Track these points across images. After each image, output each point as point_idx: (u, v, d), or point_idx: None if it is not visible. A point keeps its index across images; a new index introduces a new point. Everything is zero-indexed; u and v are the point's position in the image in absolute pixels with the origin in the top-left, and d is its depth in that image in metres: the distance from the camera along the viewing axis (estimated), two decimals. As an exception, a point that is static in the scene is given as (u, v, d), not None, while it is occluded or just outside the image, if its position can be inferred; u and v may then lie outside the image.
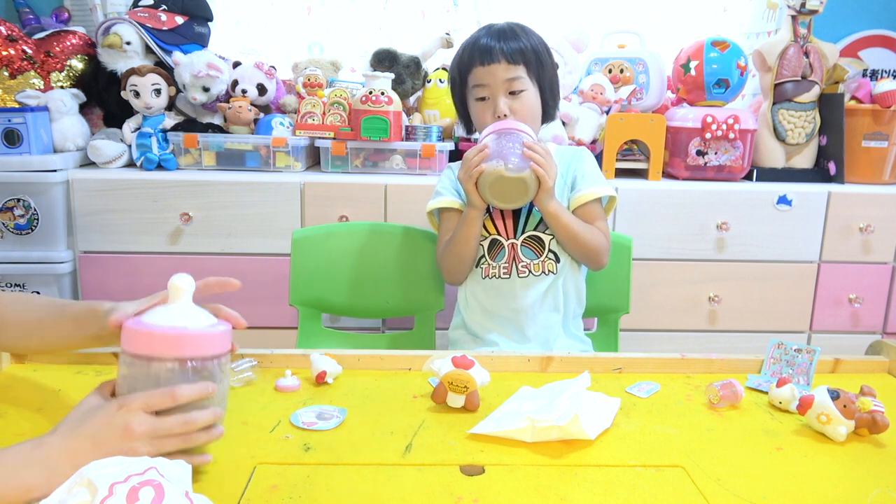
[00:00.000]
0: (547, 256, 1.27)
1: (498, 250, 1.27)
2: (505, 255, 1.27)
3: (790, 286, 1.86)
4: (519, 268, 1.26)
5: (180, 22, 1.93)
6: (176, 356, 0.67)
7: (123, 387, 0.69)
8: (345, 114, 1.83)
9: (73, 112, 1.84)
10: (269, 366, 0.98)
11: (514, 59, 1.23)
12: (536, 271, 1.26)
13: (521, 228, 1.27)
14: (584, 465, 0.74)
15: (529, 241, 1.27)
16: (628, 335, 1.77)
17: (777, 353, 1.00)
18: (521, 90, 1.24)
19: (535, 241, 1.27)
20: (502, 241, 1.27)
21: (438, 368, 0.87)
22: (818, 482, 0.73)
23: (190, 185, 1.73)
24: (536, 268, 1.26)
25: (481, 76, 1.24)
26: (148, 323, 0.68)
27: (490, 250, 1.28)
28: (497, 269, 1.27)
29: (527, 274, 1.26)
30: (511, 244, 1.27)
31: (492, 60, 1.23)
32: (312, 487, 0.68)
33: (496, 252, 1.28)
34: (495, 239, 1.28)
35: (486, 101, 1.26)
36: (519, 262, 1.26)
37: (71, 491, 0.59)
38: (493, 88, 1.24)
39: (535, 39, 1.27)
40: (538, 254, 1.27)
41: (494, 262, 1.27)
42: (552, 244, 1.27)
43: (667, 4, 2.31)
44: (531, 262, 1.26)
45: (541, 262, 1.26)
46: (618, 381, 0.97)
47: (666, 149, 1.91)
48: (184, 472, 0.64)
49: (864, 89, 1.92)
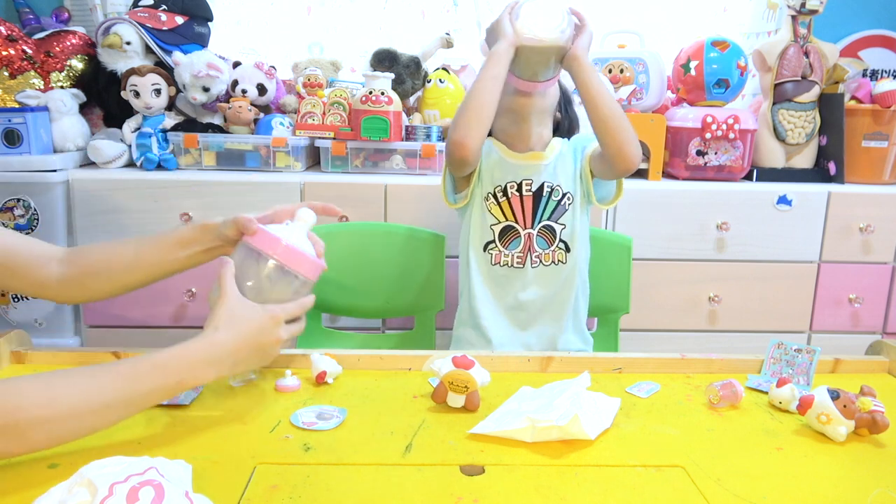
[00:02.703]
0: (558, 246, 1.27)
1: (512, 238, 1.27)
2: (520, 245, 1.27)
3: (790, 286, 1.86)
4: (533, 258, 1.26)
5: (180, 22, 1.93)
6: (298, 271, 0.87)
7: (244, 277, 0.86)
8: (345, 114, 1.83)
9: (73, 112, 1.84)
10: (269, 366, 0.98)
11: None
12: (547, 261, 1.27)
13: (539, 217, 1.27)
14: (584, 465, 0.74)
15: (543, 231, 1.27)
16: (628, 335, 1.77)
17: (777, 353, 1.00)
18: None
19: (548, 231, 1.27)
20: (518, 229, 1.27)
21: (439, 368, 0.87)
22: (818, 482, 0.73)
23: (190, 185, 1.73)
24: (547, 258, 1.27)
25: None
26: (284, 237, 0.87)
27: (502, 237, 1.27)
28: (510, 257, 1.27)
29: (538, 264, 1.26)
30: (528, 234, 1.27)
31: None
32: (312, 487, 0.68)
33: (509, 240, 1.27)
34: (510, 225, 1.27)
35: None
36: (533, 252, 1.26)
37: (71, 491, 0.59)
38: None
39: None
40: (550, 243, 1.27)
41: (507, 249, 1.27)
42: (563, 234, 1.27)
43: (667, 4, 2.31)
44: (543, 251, 1.27)
45: (552, 251, 1.27)
46: (618, 381, 0.97)
47: (666, 149, 1.91)
48: (184, 472, 0.65)
49: (864, 89, 1.92)
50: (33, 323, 1.74)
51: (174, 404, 0.85)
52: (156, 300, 1.75)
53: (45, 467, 0.71)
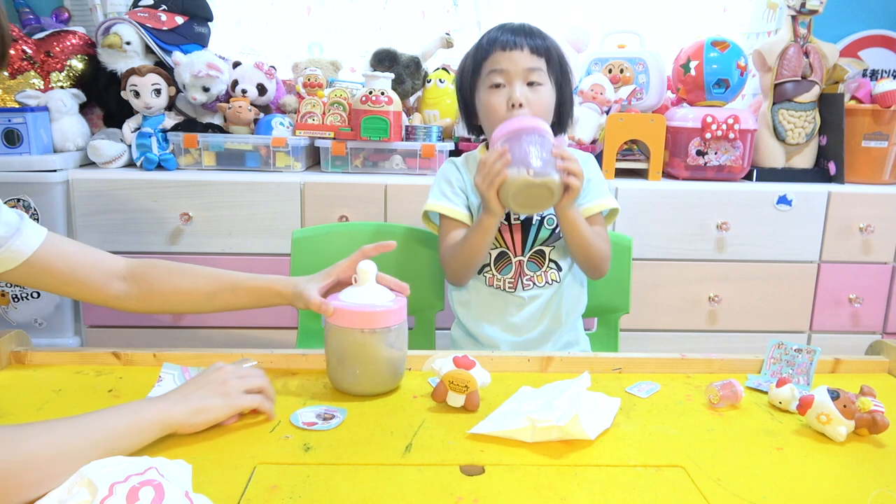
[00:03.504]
0: (549, 266, 1.26)
1: (504, 264, 1.26)
2: (511, 271, 1.26)
3: (790, 286, 1.86)
4: (524, 281, 1.26)
5: (180, 22, 1.93)
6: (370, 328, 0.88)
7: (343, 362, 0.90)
8: (345, 114, 1.83)
9: (73, 112, 1.84)
10: (270, 366, 0.98)
11: (538, 51, 1.18)
12: (540, 282, 1.26)
13: (530, 245, 1.25)
14: (584, 465, 0.74)
15: (534, 256, 1.26)
16: (628, 335, 1.77)
17: (777, 353, 1.00)
18: (540, 83, 1.18)
19: (538, 255, 1.26)
20: (510, 256, 1.26)
21: (439, 368, 0.87)
22: (818, 482, 0.73)
23: (190, 185, 1.73)
24: (540, 279, 1.26)
25: (500, 61, 1.17)
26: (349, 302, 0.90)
27: (497, 262, 1.27)
28: (502, 282, 1.26)
29: (531, 286, 1.26)
30: (518, 261, 1.26)
31: (514, 47, 1.16)
32: (312, 487, 0.68)
33: (503, 265, 1.26)
34: (503, 252, 1.26)
35: (500, 89, 1.18)
36: (524, 277, 1.26)
37: (71, 491, 0.59)
38: (511, 75, 1.17)
39: (555, 43, 1.23)
40: (540, 265, 1.26)
41: (500, 274, 1.26)
42: (552, 254, 1.26)
43: (667, 4, 2.31)
44: (534, 273, 1.26)
45: (543, 272, 1.26)
46: (618, 381, 0.97)
47: (666, 149, 1.91)
48: (184, 472, 0.65)
49: (864, 89, 1.92)
50: (33, 323, 1.74)
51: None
52: (156, 300, 1.75)
53: (45, 467, 0.71)
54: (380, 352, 0.89)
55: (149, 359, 0.98)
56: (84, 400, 0.87)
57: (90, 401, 0.87)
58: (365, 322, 0.88)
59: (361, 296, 0.90)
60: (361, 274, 0.92)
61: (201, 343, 1.77)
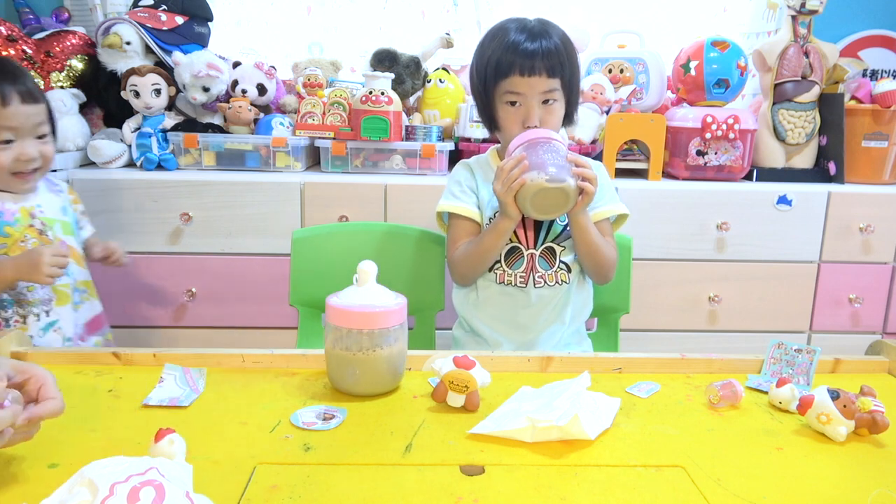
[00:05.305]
0: (559, 267, 1.27)
1: (516, 258, 1.27)
2: (523, 265, 1.26)
3: (790, 286, 1.86)
4: (535, 278, 1.26)
5: (180, 22, 1.93)
6: (369, 328, 0.88)
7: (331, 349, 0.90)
8: (345, 114, 1.83)
9: (73, 112, 1.84)
10: (270, 366, 0.98)
11: (554, 72, 1.20)
12: (551, 281, 1.27)
13: (542, 239, 1.27)
14: (584, 465, 0.74)
15: (545, 253, 1.27)
16: (628, 335, 1.77)
17: (777, 353, 1.00)
18: (554, 101, 1.23)
19: (549, 252, 1.27)
20: (522, 249, 1.27)
21: (440, 368, 0.87)
22: (818, 482, 0.73)
23: (190, 185, 1.73)
24: (550, 278, 1.27)
25: (518, 85, 1.20)
26: (349, 302, 0.89)
27: (507, 257, 1.27)
28: (514, 277, 1.27)
29: (542, 284, 1.26)
30: (530, 254, 1.26)
31: (533, 73, 1.19)
32: (312, 487, 0.68)
33: (514, 260, 1.27)
34: (515, 246, 1.27)
35: (516, 108, 1.22)
36: (535, 273, 1.26)
37: (71, 491, 0.59)
38: (528, 98, 1.21)
39: (566, 42, 1.23)
40: (551, 264, 1.27)
41: (511, 269, 1.27)
42: (563, 255, 1.27)
43: (667, 4, 2.31)
44: (546, 272, 1.27)
45: (554, 272, 1.27)
46: (618, 381, 0.97)
47: (666, 149, 1.91)
48: (184, 472, 0.65)
49: (864, 89, 1.92)
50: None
51: (174, 405, 0.85)
52: (156, 300, 1.75)
53: (45, 467, 0.71)
54: (380, 352, 0.89)
55: (149, 359, 0.98)
56: (84, 400, 0.87)
57: (90, 401, 0.87)
58: (365, 322, 0.88)
59: (361, 296, 0.90)
60: (361, 274, 0.92)
61: (201, 343, 1.77)
